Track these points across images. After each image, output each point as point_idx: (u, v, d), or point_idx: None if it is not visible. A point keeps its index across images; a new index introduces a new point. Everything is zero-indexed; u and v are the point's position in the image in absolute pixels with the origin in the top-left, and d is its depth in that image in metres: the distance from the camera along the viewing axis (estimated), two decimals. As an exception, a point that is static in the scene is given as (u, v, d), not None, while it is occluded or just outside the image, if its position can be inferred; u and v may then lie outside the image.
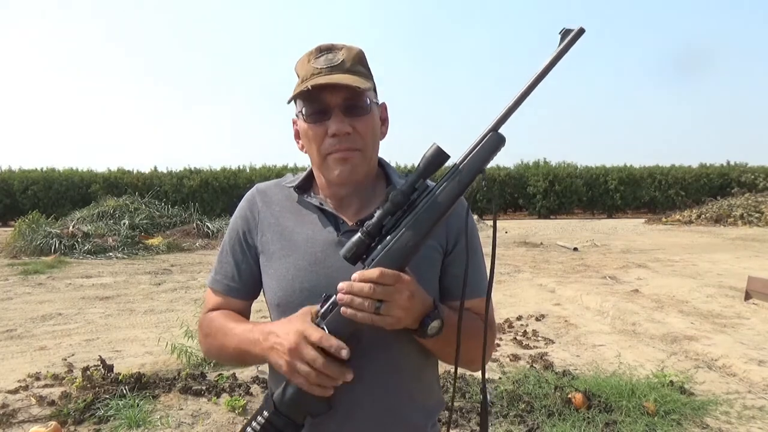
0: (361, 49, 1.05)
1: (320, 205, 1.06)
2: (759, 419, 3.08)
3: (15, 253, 10.83)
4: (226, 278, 1.11)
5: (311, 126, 1.00)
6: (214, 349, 1.10)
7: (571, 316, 5.61)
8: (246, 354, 1.00)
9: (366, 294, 0.84)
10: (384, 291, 0.84)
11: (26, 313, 5.91)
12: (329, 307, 0.89)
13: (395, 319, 0.86)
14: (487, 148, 0.89)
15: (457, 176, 0.88)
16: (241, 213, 1.12)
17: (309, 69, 1.00)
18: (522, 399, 3.22)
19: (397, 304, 0.85)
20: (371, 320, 0.85)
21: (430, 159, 0.87)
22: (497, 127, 0.89)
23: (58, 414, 3.08)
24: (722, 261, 9.10)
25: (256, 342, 0.95)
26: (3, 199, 20.74)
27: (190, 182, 21.57)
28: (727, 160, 24.81)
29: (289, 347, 0.87)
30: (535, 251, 11.22)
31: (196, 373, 3.66)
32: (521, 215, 23.75)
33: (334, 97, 0.98)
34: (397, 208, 0.88)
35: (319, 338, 0.86)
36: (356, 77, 0.98)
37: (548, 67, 0.87)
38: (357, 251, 0.88)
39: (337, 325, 0.88)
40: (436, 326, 0.90)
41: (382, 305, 0.84)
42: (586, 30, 0.85)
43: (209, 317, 1.11)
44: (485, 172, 0.89)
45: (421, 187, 0.89)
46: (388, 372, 1.01)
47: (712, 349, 4.30)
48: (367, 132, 1.01)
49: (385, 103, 1.11)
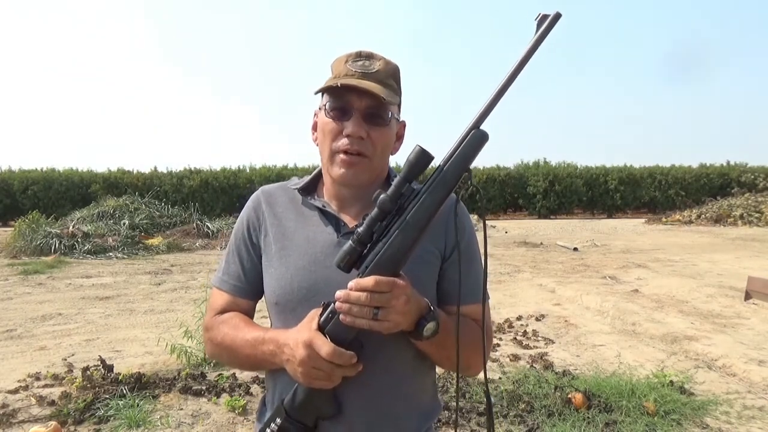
0: (398, 65, 1.07)
1: (322, 207, 1.07)
2: (759, 419, 3.08)
3: (15, 253, 10.82)
4: (233, 278, 1.12)
5: (330, 121, 1.03)
6: (223, 357, 1.12)
7: (571, 316, 5.60)
8: (262, 364, 1.03)
9: (363, 302, 0.85)
10: (380, 298, 0.86)
11: (26, 313, 5.91)
12: (328, 315, 0.91)
13: (393, 323, 0.88)
14: (470, 147, 0.87)
15: (441, 178, 0.88)
16: (247, 214, 1.15)
17: (344, 69, 1.03)
18: (522, 399, 3.22)
19: (394, 309, 0.87)
20: (369, 326, 0.87)
21: (414, 162, 0.87)
22: (479, 123, 0.88)
23: (58, 414, 3.08)
24: (722, 261, 9.10)
25: (273, 354, 0.97)
26: (3, 199, 20.72)
27: (190, 182, 21.55)
28: (727, 160, 24.83)
29: (301, 360, 0.90)
30: (535, 251, 11.22)
31: (196, 373, 3.66)
32: (521, 215, 23.74)
33: (359, 101, 1.00)
34: (385, 214, 0.88)
35: (329, 354, 0.88)
36: (385, 89, 1.01)
37: (526, 57, 0.85)
38: (349, 259, 0.90)
39: (339, 332, 0.89)
40: (432, 328, 0.91)
41: (379, 311, 0.86)
42: (562, 15, 0.83)
43: (217, 325, 1.10)
44: (470, 171, 0.88)
45: (408, 191, 0.89)
46: (383, 375, 1.02)
47: (712, 349, 4.30)
48: (380, 142, 1.03)
49: (405, 122, 1.13)
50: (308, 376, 0.91)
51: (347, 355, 0.89)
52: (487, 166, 23.44)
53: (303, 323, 0.94)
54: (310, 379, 0.91)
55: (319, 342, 0.89)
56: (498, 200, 22.95)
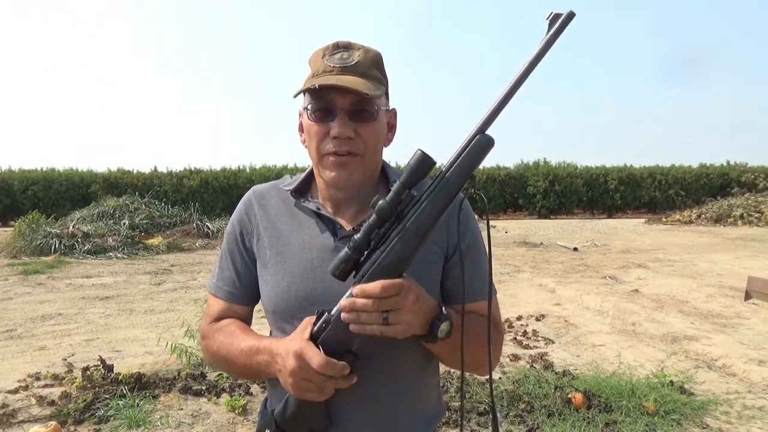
0: (379, 51, 1.01)
1: (317, 210, 1.03)
2: (759, 419, 3.08)
3: (15, 253, 10.82)
4: (228, 284, 1.09)
5: (314, 124, 0.98)
6: (220, 365, 1.10)
7: (571, 316, 5.60)
8: (258, 374, 1.00)
9: (371, 309, 0.81)
10: (389, 301, 0.81)
11: (26, 313, 5.91)
12: (322, 324, 0.87)
13: (405, 325, 0.84)
14: (475, 152, 0.83)
15: (443, 185, 0.83)
16: (238, 216, 1.10)
17: (322, 65, 0.97)
18: (522, 399, 3.22)
19: (404, 311, 0.83)
20: (381, 332, 0.83)
21: (415, 167, 0.83)
22: (484, 128, 0.83)
23: (58, 414, 3.08)
24: (722, 261, 9.10)
25: (268, 364, 0.94)
26: (3, 199, 20.72)
27: (190, 182, 21.56)
28: (727, 160, 24.84)
29: (291, 370, 0.87)
30: (535, 251, 11.22)
31: (196, 373, 3.66)
32: (521, 215, 23.75)
33: (342, 99, 0.95)
34: (383, 221, 0.84)
35: (320, 366, 0.84)
36: (367, 82, 0.95)
37: (536, 59, 0.80)
38: (345, 267, 0.86)
39: (332, 342, 0.86)
40: (446, 329, 0.87)
41: (389, 315, 0.82)
42: (576, 14, 0.77)
43: (212, 333, 1.07)
44: (475, 177, 0.84)
45: (407, 197, 0.84)
46: (386, 381, 0.99)
47: (712, 349, 4.30)
48: (370, 138, 0.98)
49: (395, 110, 1.07)
50: (299, 387, 0.88)
51: (339, 366, 0.85)
52: (487, 166, 23.42)
53: (296, 332, 0.91)
54: (300, 390, 0.88)
55: (311, 353, 0.85)
56: (498, 200, 22.96)
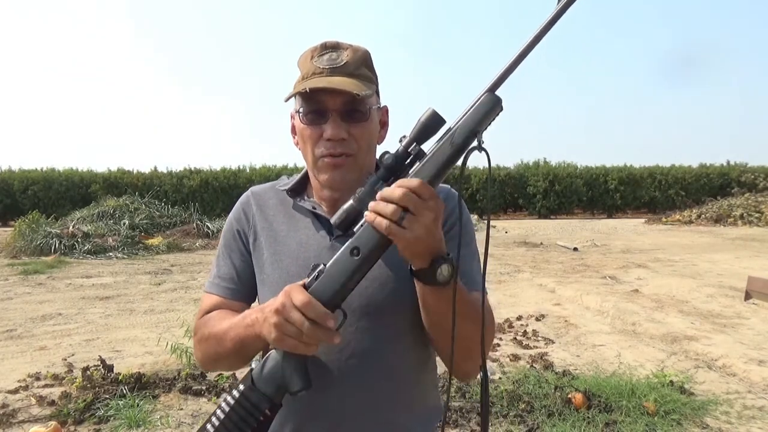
0: (368, 50, 1.02)
1: (313, 209, 1.04)
2: (759, 419, 3.08)
3: (15, 253, 10.83)
4: (224, 281, 1.08)
5: (307, 127, 0.98)
6: (211, 350, 1.02)
7: (571, 316, 5.60)
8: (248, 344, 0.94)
9: (396, 198, 0.77)
10: (415, 201, 0.77)
11: (26, 313, 5.91)
12: (315, 275, 0.86)
13: (414, 236, 0.78)
14: (482, 110, 0.82)
15: (449, 138, 0.82)
16: (236, 215, 1.11)
17: (310, 67, 0.97)
18: (522, 399, 3.22)
19: (421, 221, 0.78)
20: (389, 230, 0.78)
21: (426, 123, 0.83)
22: (494, 88, 0.83)
23: (58, 414, 3.08)
24: (722, 261, 9.10)
25: (256, 322, 0.89)
26: (3, 199, 20.73)
27: (190, 182, 21.57)
28: (727, 160, 24.85)
29: (275, 309, 0.82)
30: (535, 251, 11.22)
31: (196, 373, 3.66)
32: (521, 215, 23.75)
33: (333, 100, 0.95)
34: (389, 173, 0.84)
35: (302, 302, 0.81)
36: (358, 82, 0.95)
37: (548, 26, 0.80)
38: (347, 218, 0.84)
39: (323, 294, 0.84)
40: (447, 271, 0.83)
41: (405, 217, 0.78)
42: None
43: (204, 322, 1.05)
44: (480, 134, 0.82)
45: (415, 150, 0.84)
46: (383, 379, 0.98)
47: (712, 349, 4.30)
48: (363, 138, 0.98)
49: (387, 107, 1.07)
50: (280, 329, 0.82)
51: (322, 311, 0.81)
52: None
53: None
54: (281, 333, 0.82)
55: (296, 291, 0.82)
56: (498, 200, 22.96)
